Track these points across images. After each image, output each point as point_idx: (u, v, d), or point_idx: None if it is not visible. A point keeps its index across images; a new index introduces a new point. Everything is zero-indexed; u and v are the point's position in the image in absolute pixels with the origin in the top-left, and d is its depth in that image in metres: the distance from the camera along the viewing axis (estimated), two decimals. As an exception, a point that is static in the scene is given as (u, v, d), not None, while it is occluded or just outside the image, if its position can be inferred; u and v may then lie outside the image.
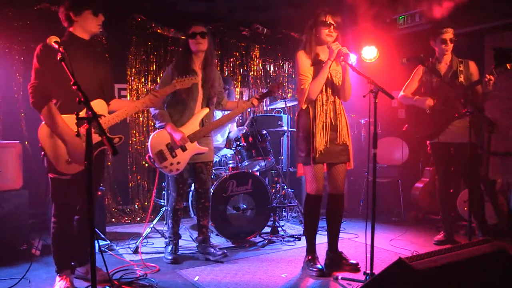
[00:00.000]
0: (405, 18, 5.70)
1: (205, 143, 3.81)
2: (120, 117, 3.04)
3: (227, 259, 3.83)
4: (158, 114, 3.69)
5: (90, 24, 2.99)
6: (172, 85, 3.37)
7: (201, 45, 3.68)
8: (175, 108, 3.73)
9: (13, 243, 3.78)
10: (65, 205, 3.01)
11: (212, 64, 3.81)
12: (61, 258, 3.07)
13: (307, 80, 3.37)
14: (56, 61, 2.63)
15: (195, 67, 3.72)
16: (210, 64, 3.79)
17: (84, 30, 3.01)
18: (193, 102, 3.72)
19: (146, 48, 5.85)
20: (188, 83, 3.43)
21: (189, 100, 3.69)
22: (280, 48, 6.90)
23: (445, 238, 4.30)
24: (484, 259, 2.28)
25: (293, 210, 5.62)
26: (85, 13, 2.96)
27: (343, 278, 3.29)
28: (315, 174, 3.40)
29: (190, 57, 3.73)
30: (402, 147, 5.77)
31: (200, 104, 3.77)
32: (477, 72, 4.16)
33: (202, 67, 3.76)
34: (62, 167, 2.87)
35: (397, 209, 5.59)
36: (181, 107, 3.71)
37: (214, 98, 3.84)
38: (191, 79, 3.43)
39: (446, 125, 4.16)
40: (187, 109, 3.71)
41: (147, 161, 3.74)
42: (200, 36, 3.66)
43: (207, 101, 3.79)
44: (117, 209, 5.64)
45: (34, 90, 2.83)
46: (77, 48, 2.93)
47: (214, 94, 3.82)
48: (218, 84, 3.88)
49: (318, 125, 3.37)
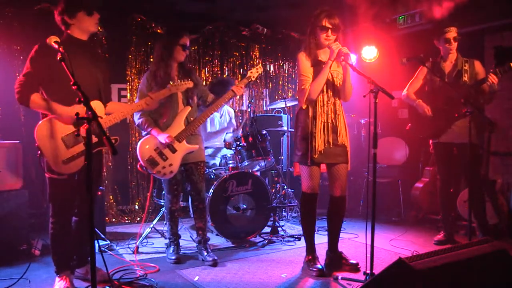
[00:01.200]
0: (405, 18, 5.70)
1: (195, 142, 3.81)
2: (117, 119, 3.07)
3: (227, 258, 3.83)
4: (142, 122, 3.70)
5: (86, 24, 2.99)
6: (167, 89, 3.38)
7: (184, 56, 3.77)
8: (158, 113, 3.72)
9: (13, 243, 3.78)
10: (62, 205, 3.00)
11: (190, 69, 3.93)
12: (60, 259, 3.06)
13: (307, 81, 3.37)
14: (52, 61, 2.64)
15: (173, 74, 3.75)
16: (189, 68, 3.90)
17: (81, 31, 3.01)
18: (175, 103, 3.73)
19: (146, 48, 5.85)
20: (183, 87, 3.47)
21: (170, 103, 3.70)
22: (280, 48, 6.90)
23: (445, 238, 4.30)
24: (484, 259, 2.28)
25: (293, 210, 5.62)
26: (79, 14, 2.95)
27: (343, 278, 3.29)
28: (311, 172, 3.41)
29: (171, 64, 3.73)
30: (402, 147, 5.77)
31: (181, 104, 3.78)
32: (483, 71, 4.14)
33: (180, 73, 3.79)
34: (59, 167, 2.85)
35: (397, 209, 5.58)
36: (163, 110, 3.71)
37: (194, 96, 3.86)
38: (186, 83, 3.48)
39: (449, 125, 4.16)
40: (170, 110, 3.71)
41: (140, 170, 3.72)
42: (187, 48, 3.75)
43: (187, 100, 3.80)
44: (117, 209, 5.65)
45: (18, 86, 2.85)
46: (75, 49, 2.91)
47: (193, 95, 3.84)
48: (200, 88, 3.93)
49: (318, 125, 3.37)
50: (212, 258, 3.71)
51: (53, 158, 2.84)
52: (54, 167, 2.85)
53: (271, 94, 6.91)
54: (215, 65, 6.39)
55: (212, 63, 6.37)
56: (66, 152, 2.87)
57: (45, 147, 2.83)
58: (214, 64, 6.39)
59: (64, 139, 2.87)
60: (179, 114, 3.74)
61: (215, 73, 6.35)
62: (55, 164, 2.85)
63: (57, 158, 2.84)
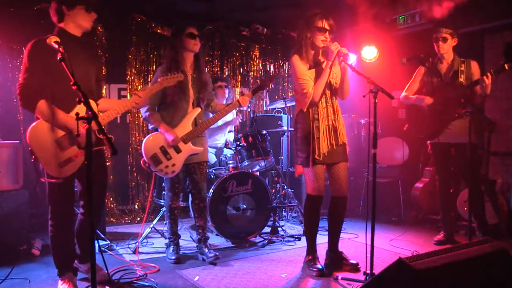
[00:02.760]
0: (405, 18, 5.70)
1: (200, 144, 3.80)
2: (111, 117, 3.00)
3: (227, 258, 3.83)
4: (149, 116, 3.67)
5: (81, 19, 2.93)
6: (158, 83, 3.32)
7: (197, 46, 3.71)
8: (167, 110, 3.70)
9: (13, 243, 3.78)
10: (61, 207, 2.96)
11: (203, 67, 3.86)
12: (62, 261, 3.04)
13: (309, 84, 3.34)
14: (48, 59, 2.61)
15: (185, 68, 3.71)
16: (202, 66, 3.83)
17: (76, 26, 2.94)
18: (186, 103, 3.71)
19: (146, 48, 5.86)
20: (173, 80, 3.38)
21: (181, 102, 3.68)
22: (280, 48, 6.91)
23: (445, 238, 4.30)
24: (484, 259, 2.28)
25: (293, 210, 5.62)
26: (77, 7, 2.90)
27: (343, 278, 3.29)
28: (316, 174, 3.39)
29: (181, 57, 3.69)
30: (402, 147, 5.77)
31: (191, 105, 3.76)
32: (479, 72, 4.15)
33: (193, 68, 3.77)
34: (55, 170, 2.78)
35: (397, 209, 5.58)
36: (173, 109, 3.69)
37: (205, 98, 3.85)
38: (176, 76, 3.39)
39: (446, 125, 4.17)
40: (180, 110, 3.69)
41: (142, 166, 3.71)
42: (198, 36, 3.70)
43: (198, 102, 3.79)
44: (117, 209, 5.65)
45: (22, 90, 2.74)
46: (68, 45, 2.73)
47: (204, 96, 3.83)
48: (210, 87, 3.92)
49: (321, 128, 3.36)
50: (214, 254, 3.72)
51: (48, 161, 2.76)
52: (51, 171, 2.78)
53: (271, 94, 6.92)
54: (215, 65, 6.40)
55: (212, 63, 6.38)
56: (61, 155, 2.80)
57: (38, 151, 2.75)
58: (214, 64, 6.39)
59: (58, 141, 2.80)
60: (189, 114, 3.72)
61: (215, 73, 6.35)
62: (52, 168, 2.77)
63: (53, 162, 2.77)
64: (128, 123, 5.75)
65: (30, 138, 2.75)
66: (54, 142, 2.79)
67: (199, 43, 3.72)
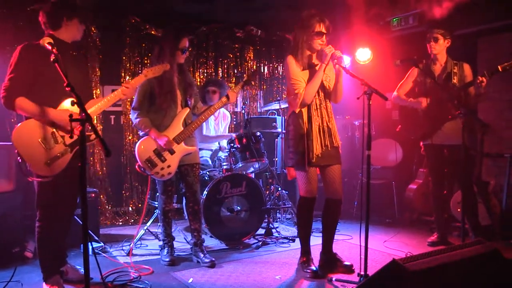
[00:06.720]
0: (398, 20, 5.72)
1: (191, 144, 3.81)
2: (95, 113, 3.07)
3: (221, 260, 3.83)
4: (139, 122, 3.67)
5: (75, 31, 3.04)
6: (142, 75, 3.30)
7: (184, 58, 3.78)
8: (156, 114, 3.70)
9: (6, 246, 3.75)
10: (49, 208, 2.96)
11: (186, 68, 3.92)
12: (49, 264, 3.02)
13: (300, 85, 3.36)
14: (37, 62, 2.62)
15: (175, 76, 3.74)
16: (185, 67, 3.88)
17: (68, 36, 3.02)
18: (174, 103, 3.72)
19: (140, 49, 5.84)
20: (159, 70, 3.38)
21: (169, 103, 3.68)
22: (274, 50, 6.92)
23: (438, 239, 4.32)
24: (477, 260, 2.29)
25: (287, 211, 5.62)
26: (75, 19, 2.99)
27: (337, 279, 3.29)
28: (308, 176, 3.40)
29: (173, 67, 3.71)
30: (396, 149, 5.79)
31: (180, 106, 3.77)
32: (471, 74, 4.18)
33: (178, 71, 3.78)
34: (43, 169, 2.81)
35: (391, 210, 5.60)
36: (162, 112, 3.69)
37: (192, 99, 3.86)
38: (162, 66, 3.40)
39: (439, 126, 4.19)
40: (169, 112, 3.70)
41: (138, 170, 3.69)
42: (186, 50, 3.75)
43: (185, 102, 3.81)
44: (111, 211, 5.62)
45: (4, 90, 2.81)
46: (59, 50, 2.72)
47: (191, 96, 3.85)
48: (195, 88, 3.95)
49: (314, 129, 3.36)
50: (210, 259, 3.70)
51: (34, 161, 2.79)
52: (38, 170, 2.81)
53: (265, 96, 6.93)
54: (209, 66, 6.40)
55: (207, 64, 6.37)
56: (47, 154, 2.82)
57: (24, 151, 2.78)
58: (208, 65, 6.39)
59: (42, 141, 2.82)
60: (178, 115, 3.73)
61: (209, 74, 6.35)
62: (38, 167, 2.80)
63: (38, 161, 2.80)
64: (122, 125, 5.72)
65: (14, 139, 2.79)
66: (39, 141, 2.82)
67: (187, 55, 3.80)
